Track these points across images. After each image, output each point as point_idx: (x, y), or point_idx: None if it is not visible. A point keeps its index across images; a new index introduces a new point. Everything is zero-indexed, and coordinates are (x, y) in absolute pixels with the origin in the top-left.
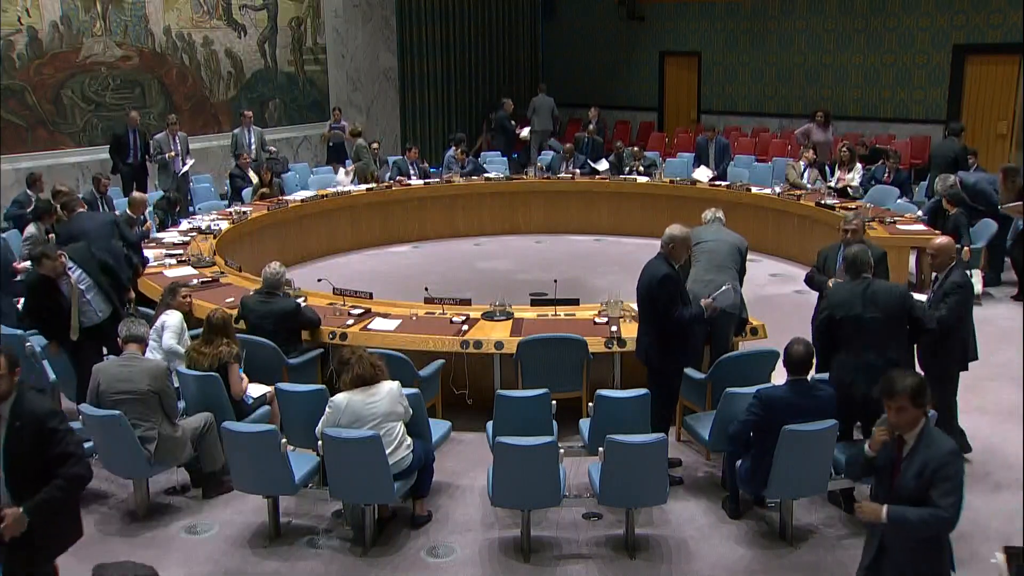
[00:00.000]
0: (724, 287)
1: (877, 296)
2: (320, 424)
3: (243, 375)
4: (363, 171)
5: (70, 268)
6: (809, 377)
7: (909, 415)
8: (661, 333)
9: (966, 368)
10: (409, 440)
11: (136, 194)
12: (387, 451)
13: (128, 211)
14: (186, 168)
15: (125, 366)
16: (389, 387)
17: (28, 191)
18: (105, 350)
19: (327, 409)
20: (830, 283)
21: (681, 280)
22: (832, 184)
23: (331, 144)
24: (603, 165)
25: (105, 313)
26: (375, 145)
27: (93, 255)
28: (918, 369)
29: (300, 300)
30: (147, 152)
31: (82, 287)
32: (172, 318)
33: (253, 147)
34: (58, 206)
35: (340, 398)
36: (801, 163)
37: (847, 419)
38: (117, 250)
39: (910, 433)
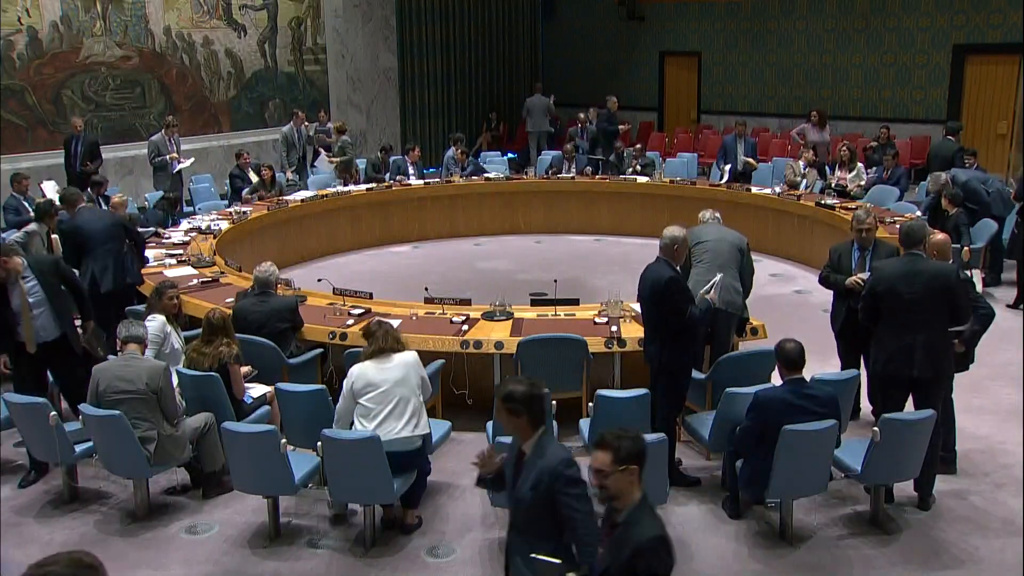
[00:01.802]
0: (714, 279)
1: (920, 275)
2: (340, 400)
3: (245, 369)
4: (347, 166)
5: (24, 277)
6: (809, 377)
7: (502, 417)
8: (669, 335)
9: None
10: (425, 422)
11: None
12: (399, 423)
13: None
14: (181, 166)
15: (125, 366)
16: (404, 357)
17: (13, 194)
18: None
19: (345, 381)
20: (857, 279)
21: (684, 282)
22: (832, 184)
23: (319, 148)
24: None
25: (49, 334)
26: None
27: (59, 272)
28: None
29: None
30: (91, 158)
31: (31, 300)
32: (152, 325)
33: (300, 145)
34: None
35: (355, 367)
36: (801, 163)
37: (886, 403)
38: (121, 255)
39: (527, 443)
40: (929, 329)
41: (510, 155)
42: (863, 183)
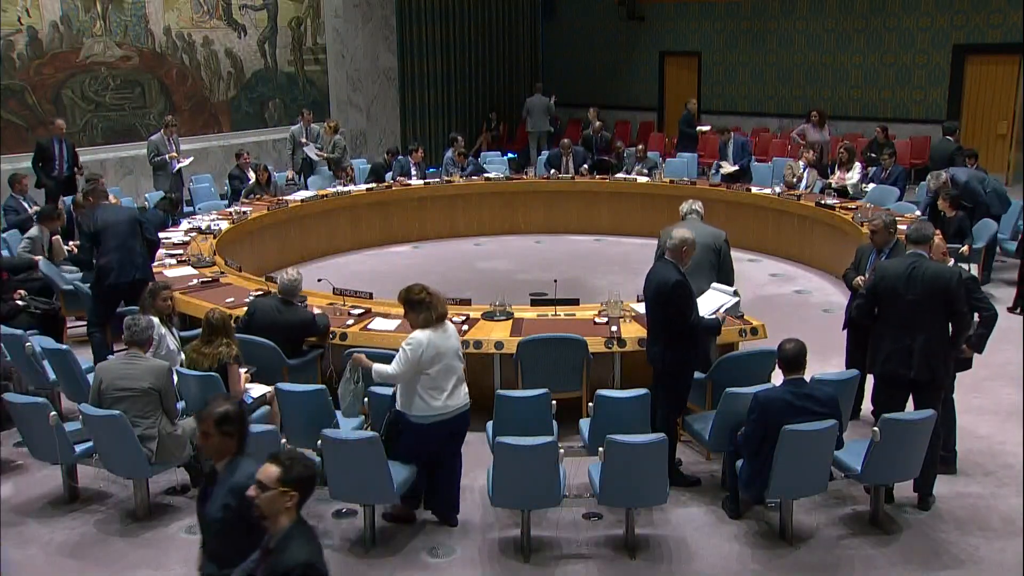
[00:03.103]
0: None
1: (921, 277)
2: (397, 365)
3: (244, 374)
4: (337, 164)
5: None
6: (808, 377)
7: (213, 441)
8: (672, 337)
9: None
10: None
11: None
12: (462, 390)
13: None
14: (181, 166)
15: (127, 364)
16: (452, 325)
17: (13, 194)
18: None
19: (405, 348)
20: (859, 279)
21: (691, 286)
22: (832, 184)
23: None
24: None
25: None
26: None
27: None
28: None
29: (309, 306)
30: (75, 164)
31: None
32: None
33: (309, 145)
34: (80, 193)
35: (421, 335)
36: (800, 163)
37: (886, 403)
38: (132, 249)
39: (220, 463)
40: (928, 331)
41: (510, 155)
42: (854, 181)
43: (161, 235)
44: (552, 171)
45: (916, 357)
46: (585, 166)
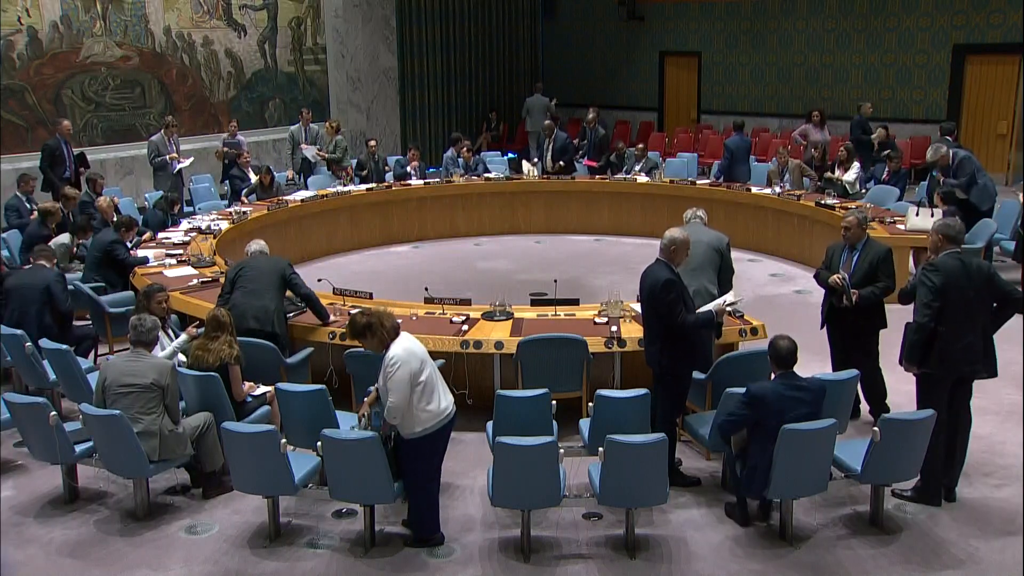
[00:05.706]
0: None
1: (976, 272)
2: (397, 393)
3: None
4: (337, 164)
5: None
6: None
7: None
8: (668, 338)
9: None
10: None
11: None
12: (443, 394)
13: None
14: (181, 166)
15: (132, 361)
16: (407, 333)
17: (17, 193)
18: None
19: (391, 370)
20: (836, 277)
21: (682, 284)
22: (827, 176)
23: (226, 162)
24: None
25: None
26: (372, 143)
27: None
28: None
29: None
30: (83, 164)
31: None
32: None
33: (310, 148)
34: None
35: (395, 351)
36: (778, 166)
37: (928, 402)
38: (30, 315)
39: None
40: (984, 324)
41: (510, 155)
42: (851, 180)
43: (161, 235)
44: (533, 159)
45: (980, 351)
46: (578, 157)
